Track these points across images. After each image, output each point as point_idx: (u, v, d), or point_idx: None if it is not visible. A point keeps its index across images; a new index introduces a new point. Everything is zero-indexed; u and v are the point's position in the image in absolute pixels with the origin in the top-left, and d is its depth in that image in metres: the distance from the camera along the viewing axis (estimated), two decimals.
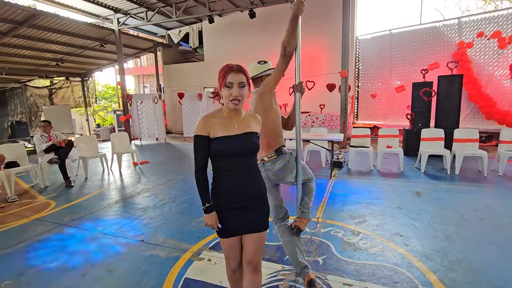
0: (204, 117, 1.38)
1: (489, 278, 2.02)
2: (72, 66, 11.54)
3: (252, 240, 1.45)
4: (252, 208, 1.43)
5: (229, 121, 1.39)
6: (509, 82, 7.25)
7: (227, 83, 1.33)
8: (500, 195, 3.76)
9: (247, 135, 1.39)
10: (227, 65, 1.37)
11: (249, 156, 1.42)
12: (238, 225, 1.43)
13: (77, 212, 3.57)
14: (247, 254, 1.47)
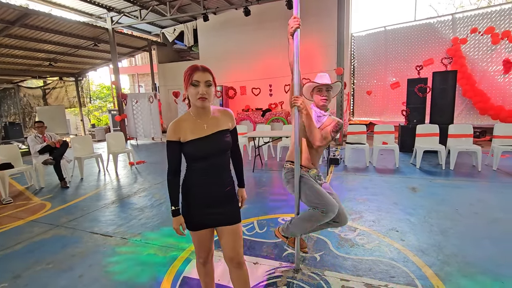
0: (174, 122, 1.39)
1: (484, 271, 2.05)
2: (65, 66, 11.42)
3: (228, 234, 1.48)
4: (221, 203, 1.47)
5: (198, 123, 1.40)
6: (502, 77, 7.33)
7: (193, 81, 1.33)
8: (494, 189, 3.81)
9: (217, 135, 1.42)
10: (192, 65, 1.37)
11: (221, 155, 1.45)
12: (210, 219, 1.47)
13: (73, 213, 3.55)
14: (227, 251, 1.49)
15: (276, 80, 9.60)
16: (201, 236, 1.50)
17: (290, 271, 2.14)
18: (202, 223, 1.47)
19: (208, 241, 1.53)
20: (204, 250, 1.55)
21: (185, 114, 1.43)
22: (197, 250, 1.56)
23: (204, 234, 1.50)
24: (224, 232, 1.49)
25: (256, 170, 5.37)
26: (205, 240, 1.52)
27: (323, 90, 2.03)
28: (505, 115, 7.01)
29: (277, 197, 3.83)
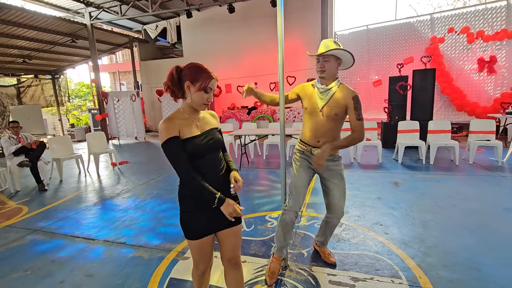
0: (166, 120, 1.30)
1: (462, 260, 2.14)
2: (41, 63, 10.90)
3: (229, 236, 1.44)
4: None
5: (191, 121, 1.36)
6: (477, 75, 7.67)
7: (207, 88, 1.32)
8: (471, 182, 3.99)
9: (211, 132, 1.40)
10: (205, 69, 1.33)
11: (216, 153, 1.42)
12: (210, 224, 1.39)
13: (52, 217, 3.40)
14: (227, 251, 1.46)
15: (262, 78, 9.59)
16: (203, 244, 1.39)
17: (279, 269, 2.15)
18: (205, 230, 1.38)
19: (210, 249, 1.44)
20: (205, 260, 1.45)
21: (176, 112, 1.37)
22: (196, 261, 1.44)
23: (205, 242, 1.40)
24: (225, 235, 1.43)
25: (242, 168, 5.35)
26: (207, 248, 1.42)
27: (320, 59, 1.88)
28: (480, 112, 7.34)
29: (264, 195, 3.84)
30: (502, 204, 3.14)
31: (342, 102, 1.85)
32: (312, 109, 1.93)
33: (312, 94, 1.95)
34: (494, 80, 7.50)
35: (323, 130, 1.92)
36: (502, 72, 7.37)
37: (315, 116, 1.92)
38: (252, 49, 9.96)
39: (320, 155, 1.83)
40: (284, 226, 1.99)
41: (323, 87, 1.89)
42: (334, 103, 1.87)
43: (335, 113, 1.87)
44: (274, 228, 2.81)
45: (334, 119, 1.89)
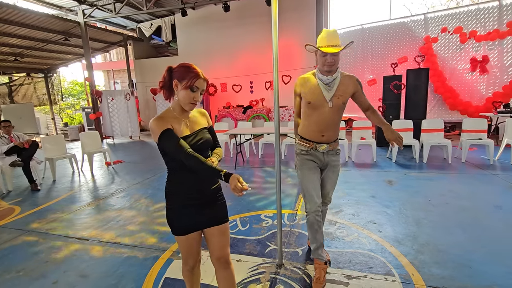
0: (158, 118, 1.31)
1: (454, 257, 2.17)
2: (33, 61, 10.75)
3: (216, 234, 1.44)
4: (208, 203, 1.42)
5: (181, 120, 1.37)
6: (470, 75, 7.77)
7: (194, 87, 1.32)
8: (463, 180, 4.05)
9: (200, 132, 1.41)
10: (192, 67, 1.33)
11: (204, 153, 1.42)
12: (195, 221, 1.41)
13: (45, 217, 3.37)
14: (215, 250, 1.45)
15: (257, 77, 9.59)
16: (190, 240, 1.41)
17: (273, 267, 2.16)
18: (191, 227, 1.40)
19: (197, 245, 1.46)
20: (193, 256, 1.47)
21: (166, 111, 1.38)
22: (184, 256, 1.47)
23: (192, 238, 1.42)
24: (212, 233, 1.44)
25: (238, 167, 5.35)
26: (193, 244, 1.44)
27: (328, 54, 1.79)
28: (472, 111, 7.44)
29: (260, 194, 3.85)
30: (493, 202, 3.19)
31: (349, 90, 1.86)
32: (318, 102, 1.86)
33: (316, 86, 1.86)
34: (487, 80, 7.60)
35: (329, 123, 1.88)
36: (494, 72, 7.48)
37: (321, 109, 1.86)
38: (247, 48, 9.95)
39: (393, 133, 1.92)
40: (311, 226, 1.96)
41: (329, 78, 1.83)
42: (341, 92, 1.85)
43: (342, 102, 1.86)
44: (269, 227, 2.82)
45: (340, 109, 1.88)
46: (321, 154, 1.97)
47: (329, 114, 1.87)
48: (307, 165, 1.98)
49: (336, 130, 1.96)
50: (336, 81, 1.84)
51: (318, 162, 1.99)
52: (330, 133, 1.92)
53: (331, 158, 1.99)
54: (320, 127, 1.90)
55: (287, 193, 3.78)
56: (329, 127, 1.90)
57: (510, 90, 7.01)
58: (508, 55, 7.30)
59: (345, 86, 1.86)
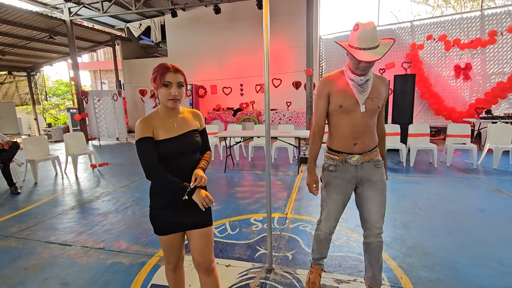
0: (143, 120, 1.33)
1: (441, 260, 2.21)
2: (15, 59, 10.38)
3: (197, 238, 1.41)
4: (191, 205, 1.36)
5: (168, 122, 1.36)
6: (454, 81, 8.02)
7: (165, 82, 1.30)
8: (448, 184, 4.15)
9: (188, 134, 1.39)
10: (163, 64, 1.32)
11: (192, 155, 1.41)
12: (177, 222, 1.39)
13: (25, 222, 3.22)
14: (195, 254, 1.43)
15: (247, 80, 9.58)
16: (171, 240, 1.42)
17: (263, 272, 2.13)
18: (172, 227, 1.40)
19: (179, 246, 1.46)
20: (174, 255, 1.47)
21: (154, 113, 1.38)
22: (166, 255, 1.48)
23: (173, 238, 1.42)
24: (193, 236, 1.42)
25: (227, 170, 5.30)
26: (175, 245, 1.44)
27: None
28: (456, 116, 7.68)
29: (249, 197, 3.81)
30: (477, 205, 3.28)
31: (382, 91, 1.64)
32: (351, 106, 1.60)
33: (347, 89, 1.60)
34: (470, 86, 7.87)
35: (362, 129, 1.63)
36: (477, 80, 7.75)
37: (353, 113, 1.61)
38: (238, 50, 9.94)
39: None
40: (319, 242, 1.86)
41: (362, 79, 1.57)
42: (375, 94, 1.61)
43: (377, 105, 1.62)
44: (259, 231, 2.79)
45: (375, 113, 1.65)
46: (354, 168, 1.67)
47: (362, 119, 1.61)
48: (335, 188, 1.72)
49: (372, 138, 1.67)
50: (370, 82, 1.60)
51: (350, 179, 1.69)
52: (364, 141, 1.64)
53: (369, 171, 1.67)
54: (353, 134, 1.63)
55: (277, 197, 3.76)
56: (363, 134, 1.63)
57: (491, 96, 7.28)
58: (490, 63, 7.59)
59: (379, 87, 1.63)
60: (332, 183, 1.73)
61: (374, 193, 1.67)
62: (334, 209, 1.74)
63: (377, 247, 1.69)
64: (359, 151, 1.65)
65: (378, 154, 1.71)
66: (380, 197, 1.67)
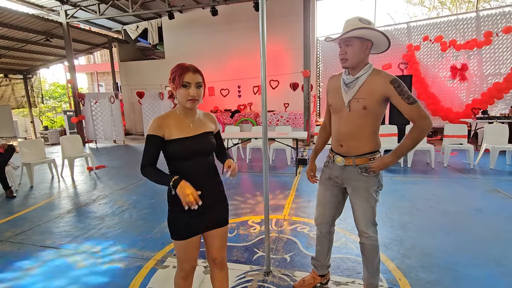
0: (158, 118, 1.35)
1: (439, 261, 2.20)
2: (11, 62, 10.32)
3: (215, 237, 1.45)
4: (212, 206, 1.42)
5: (184, 122, 1.37)
6: (450, 82, 8.06)
7: (184, 82, 1.30)
8: (445, 184, 4.16)
9: (203, 135, 1.40)
10: (181, 64, 1.34)
11: (206, 156, 1.42)
12: (198, 225, 1.39)
13: (21, 226, 3.18)
14: (212, 251, 1.47)
15: (245, 81, 9.59)
16: (189, 245, 1.38)
17: (261, 274, 2.11)
18: (193, 230, 1.38)
19: (195, 250, 1.42)
20: (190, 261, 1.43)
21: (171, 112, 1.40)
22: (180, 262, 1.43)
23: (192, 242, 1.39)
24: (212, 235, 1.44)
25: (225, 172, 5.27)
26: (192, 249, 1.40)
27: (341, 45, 1.52)
28: (453, 117, 7.71)
29: (247, 199, 3.80)
30: (474, 205, 3.28)
31: (376, 92, 1.48)
32: (337, 106, 1.61)
33: (338, 87, 1.61)
34: (467, 87, 7.91)
35: (346, 131, 1.58)
36: (474, 81, 7.79)
37: (339, 114, 1.61)
38: (236, 52, 9.94)
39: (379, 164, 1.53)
40: (317, 238, 1.89)
41: (350, 77, 1.54)
42: (363, 94, 1.50)
43: (363, 106, 1.50)
44: (257, 233, 2.78)
45: (362, 115, 1.52)
46: (338, 169, 1.66)
47: (347, 120, 1.56)
48: (324, 182, 1.78)
49: (361, 142, 1.58)
50: (359, 81, 1.50)
51: (336, 178, 1.70)
52: (349, 144, 1.60)
53: (352, 176, 1.62)
54: (339, 134, 1.63)
55: (275, 199, 3.75)
56: (349, 136, 1.59)
57: (488, 97, 7.33)
58: (487, 64, 7.64)
59: (371, 87, 1.49)
60: (322, 178, 1.80)
61: (357, 201, 1.64)
62: (320, 203, 1.80)
63: (370, 248, 1.67)
64: (343, 153, 1.63)
65: (368, 161, 1.59)
66: (363, 204, 1.62)
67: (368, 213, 1.63)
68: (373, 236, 1.65)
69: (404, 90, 1.45)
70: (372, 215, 1.64)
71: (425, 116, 1.45)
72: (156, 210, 3.49)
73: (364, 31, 1.43)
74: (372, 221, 1.65)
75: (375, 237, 1.66)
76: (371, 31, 1.44)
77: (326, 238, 1.86)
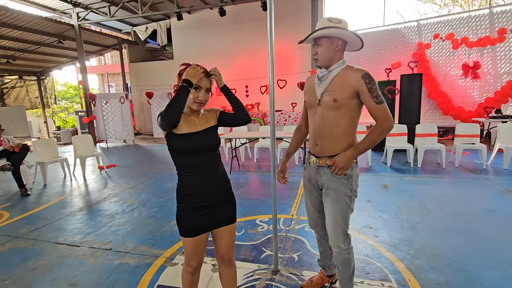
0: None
1: (450, 262, 2.16)
2: (26, 64, 10.61)
3: (223, 234, 1.47)
4: (220, 204, 1.43)
5: (190, 118, 1.40)
6: (462, 80, 7.88)
7: (196, 85, 1.33)
8: (457, 184, 4.08)
9: (208, 130, 1.42)
10: (193, 66, 1.37)
11: (213, 152, 1.43)
12: (206, 223, 1.41)
13: (35, 223, 3.28)
14: (220, 249, 1.49)
15: (253, 81, 9.60)
16: (197, 241, 1.41)
17: (269, 273, 2.12)
18: (201, 228, 1.40)
19: (203, 247, 1.46)
20: (197, 257, 1.46)
21: None
22: (188, 258, 1.46)
23: (199, 240, 1.41)
24: (220, 232, 1.46)
25: (233, 171, 5.31)
26: (200, 246, 1.43)
27: (314, 45, 1.54)
28: (465, 116, 7.54)
29: (255, 199, 3.81)
30: (486, 206, 3.21)
31: (347, 85, 1.44)
32: (310, 102, 1.56)
33: (312, 84, 1.58)
34: (481, 86, 7.71)
35: (321, 128, 1.51)
36: (488, 79, 7.59)
37: (312, 108, 1.56)
38: (243, 52, 9.97)
39: (339, 163, 1.47)
40: (317, 240, 1.92)
41: (323, 70, 1.52)
42: (334, 87, 1.46)
43: (333, 98, 1.44)
44: (264, 232, 2.79)
45: (332, 108, 1.46)
46: (313, 170, 1.60)
47: (320, 116, 1.51)
48: (305, 182, 1.74)
49: (336, 141, 1.50)
50: (332, 74, 1.48)
51: (312, 180, 1.64)
52: (323, 143, 1.52)
53: (325, 177, 1.54)
54: (314, 132, 1.56)
55: (282, 198, 3.75)
56: (322, 134, 1.52)
57: (501, 96, 7.13)
58: (501, 62, 7.43)
59: (343, 80, 1.45)
60: (304, 180, 1.75)
61: (327, 203, 1.55)
62: (308, 205, 1.77)
63: (341, 261, 1.59)
64: (317, 153, 1.56)
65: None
66: (331, 207, 1.53)
67: (338, 218, 1.51)
68: (344, 248, 1.54)
69: (374, 88, 1.43)
70: (342, 221, 1.52)
71: (389, 117, 1.45)
72: (165, 209, 3.54)
73: (331, 30, 1.42)
74: (343, 229, 1.53)
75: (347, 250, 1.55)
76: (338, 30, 1.42)
77: (325, 239, 1.80)
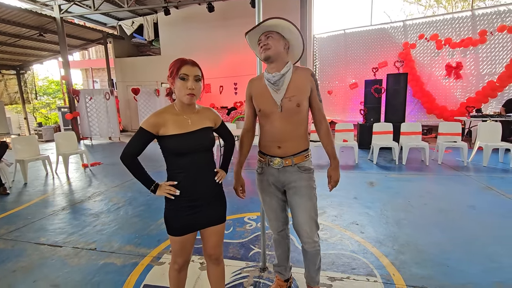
0: (156, 113, 1.33)
1: (433, 257, 2.23)
2: (4, 57, 10.16)
3: (212, 234, 1.46)
4: (209, 204, 1.42)
5: (182, 118, 1.35)
6: (446, 80, 8.12)
7: (181, 74, 1.28)
8: (440, 181, 4.21)
9: (201, 131, 1.38)
10: (179, 58, 1.33)
11: (205, 152, 1.41)
12: (194, 222, 1.40)
13: (15, 223, 3.15)
14: (207, 248, 1.49)
15: (241, 78, 9.56)
16: (185, 240, 1.40)
17: (257, 270, 2.13)
18: (189, 227, 1.39)
19: (190, 246, 1.45)
20: (184, 255, 1.45)
21: (168, 107, 1.38)
22: (174, 255, 1.45)
23: (187, 238, 1.40)
24: (208, 232, 1.45)
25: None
26: (187, 245, 1.42)
27: (262, 38, 1.48)
28: (447, 115, 7.78)
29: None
30: (467, 202, 3.33)
31: (304, 87, 1.47)
32: (268, 109, 1.51)
33: (264, 90, 1.52)
34: (464, 87, 7.96)
35: (284, 132, 1.50)
36: (470, 80, 7.85)
37: (272, 116, 1.52)
38: (232, 49, 9.90)
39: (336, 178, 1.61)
40: (276, 242, 1.83)
41: (275, 74, 1.45)
42: (294, 91, 1.46)
43: (297, 103, 1.45)
44: (253, 230, 2.79)
45: (295, 113, 1.48)
46: (276, 171, 1.58)
47: (282, 121, 1.49)
48: (262, 188, 1.67)
49: (298, 141, 1.54)
50: (286, 78, 1.45)
51: (274, 182, 1.61)
52: (287, 144, 1.52)
53: (292, 176, 1.55)
54: (275, 136, 1.53)
55: None
56: (285, 137, 1.51)
57: (482, 96, 7.40)
58: (483, 64, 7.69)
59: (299, 82, 1.46)
60: (260, 186, 1.69)
61: (298, 200, 1.56)
62: (270, 210, 1.69)
63: (314, 254, 1.65)
64: (281, 155, 1.54)
65: (304, 158, 1.56)
66: (306, 203, 1.55)
67: (312, 213, 1.58)
68: (317, 241, 1.61)
69: (318, 85, 1.53)
70: (315, 215, 1.59)
71: (324, 115, 1.59)
72: (152, 207, 3.48)
73: (284, 22, 1.42)
74: (316, 222, 1.60)
75: (319, 242, 1.64)
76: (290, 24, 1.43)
77: (285, 237, 1.80)
